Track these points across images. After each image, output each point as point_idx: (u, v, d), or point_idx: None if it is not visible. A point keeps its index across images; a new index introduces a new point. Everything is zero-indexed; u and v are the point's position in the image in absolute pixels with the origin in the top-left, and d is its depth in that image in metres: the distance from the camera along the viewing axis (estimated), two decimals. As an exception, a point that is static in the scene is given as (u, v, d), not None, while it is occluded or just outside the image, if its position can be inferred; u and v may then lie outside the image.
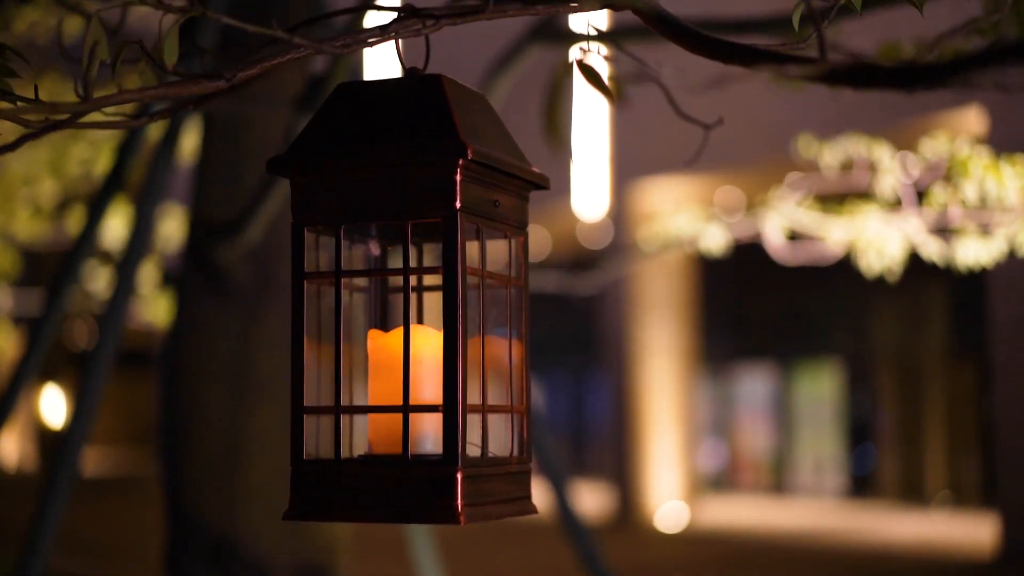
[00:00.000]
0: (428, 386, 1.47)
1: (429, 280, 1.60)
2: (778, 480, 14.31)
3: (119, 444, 23.40)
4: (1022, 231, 3.81)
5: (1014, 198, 3.66)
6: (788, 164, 5.18)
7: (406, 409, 1.42)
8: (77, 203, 7.89)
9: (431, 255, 1.58)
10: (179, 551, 3.26)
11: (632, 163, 12.66)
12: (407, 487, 1.40)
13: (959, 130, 7.98)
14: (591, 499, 13.43)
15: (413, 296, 1.63)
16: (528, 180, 1.54)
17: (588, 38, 2.90)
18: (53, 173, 7.84)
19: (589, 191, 13.47)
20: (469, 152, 1.39)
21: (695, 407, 13.69)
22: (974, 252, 3.90)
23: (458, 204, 1.41)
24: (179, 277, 3.44)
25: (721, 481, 14.81)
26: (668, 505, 13.01)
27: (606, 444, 13.84)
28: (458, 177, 1.41)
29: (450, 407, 1.40)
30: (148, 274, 8.07)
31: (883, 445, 13.14)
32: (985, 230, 3.90)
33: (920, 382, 12.75)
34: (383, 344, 1.50)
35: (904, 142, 4.64)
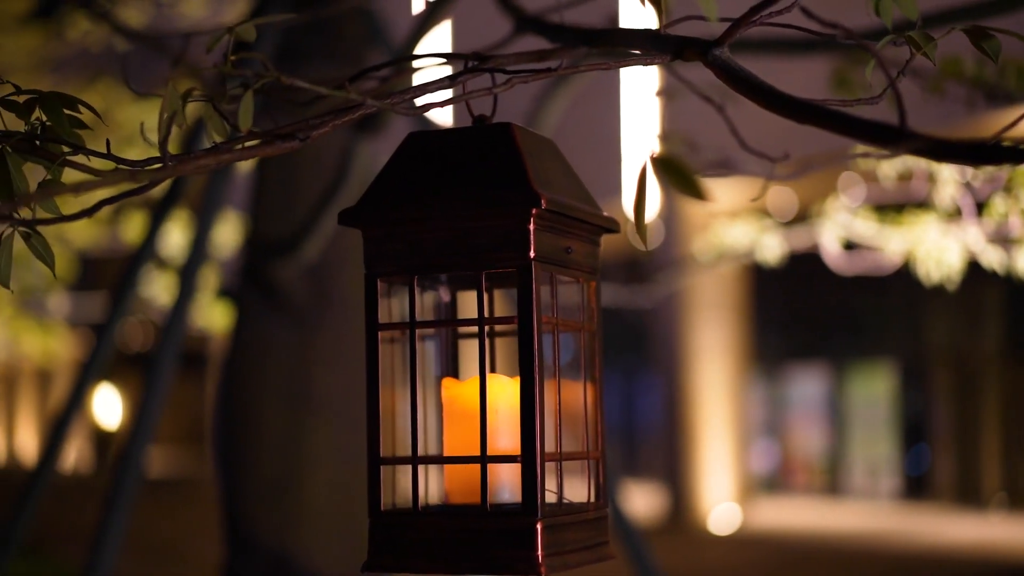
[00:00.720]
0: (505, 435, 1.47)
1: (501, 324, 1.60)
2: (831, 482, 14.23)
3: (175, 444, 23.58)
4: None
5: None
6: (841, 169, 5.14)
7: (484, 460, 1.42)
8: (134, 209, 7.95)
9: (504, 301, 1.58)
10: (237, 568, 3.29)
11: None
12: (486, 538, 1.40)
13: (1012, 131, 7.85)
14: (643, 501, 13.41)
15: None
16: (599, 225, 1.54)
17: (647, 61, 2.87)
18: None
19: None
20: (543, 202, 1.39)
21: (747, 408, 13.64)
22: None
23: (532, 253, 1.40)
24: (236, 293, 3.47)
25: (774, 483, 14.74)
26: (720, 507, 12.96)
27: (658, 445, 13.81)
28: (531, 227, 1.40)
29: (528, 457, 1.39)
30: (206, 281, 8.12)
31: (938, 446, 13.04)
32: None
33: (975, 383, 12.64)
34: (458, 393, 1.50)
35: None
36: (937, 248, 4.09)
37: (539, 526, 1.39)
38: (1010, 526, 10.90)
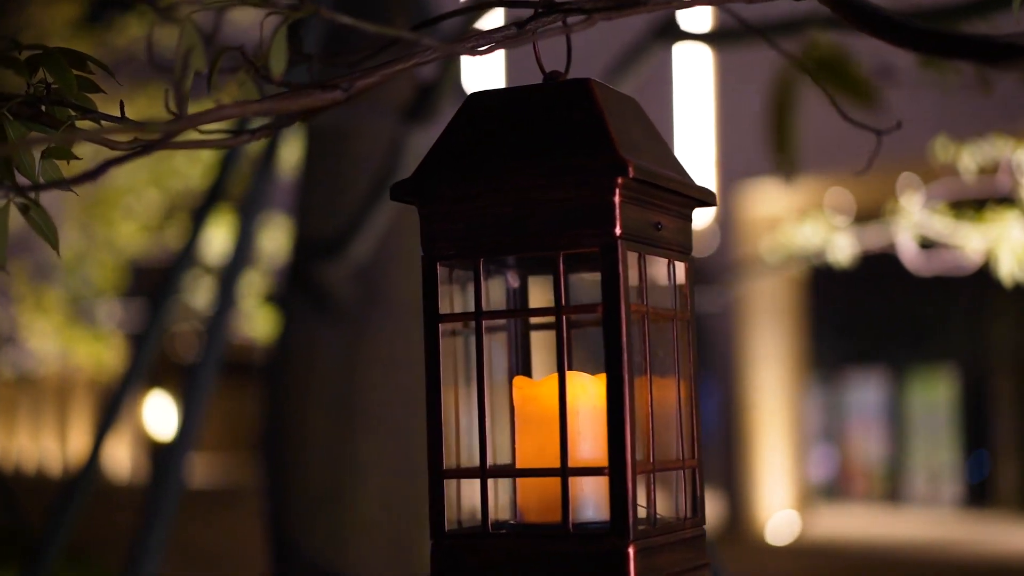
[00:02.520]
0: (586, 442, 1.26)
1: (582, 313, 1.39)
2: (891, 489, 13.91)
3: (220, 452, 23.53)
4: None
5: None
6: (903, 166, 4.91)
7: (565, 472, 1.21)
8: (180, 215, 7.82)
9: (582, 287, 1.37)
10: (282, 581, 3.10)
11: (738, 165, 12.36)
12: (568, 563, 1.20)
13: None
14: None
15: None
16: (693, 197, 1.33)
17: (710, 38, 2.64)
18: (155, 184, 7.79)
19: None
20: (630, 169, 1.18)
21: (806, 414, 13.36)
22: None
23: (618, 230, 1.20)
24: (282, 296, 3.28)
25: (833, 490, 14.44)
26: (778, 515, 12.68)
27: (715, 452, 13.56)
28: (617, 199, 1.20)
29: (617, 469, 1.19)
30: (252, 288, 7.94)
31: (1000, 453, 12.71)
32: None
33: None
34: (532, 395, 1.29)
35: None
36: (1021, 246, 3.84)
37: (631, 550, 1.18)
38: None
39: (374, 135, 3.02)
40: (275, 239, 7.21)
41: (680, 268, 1.33)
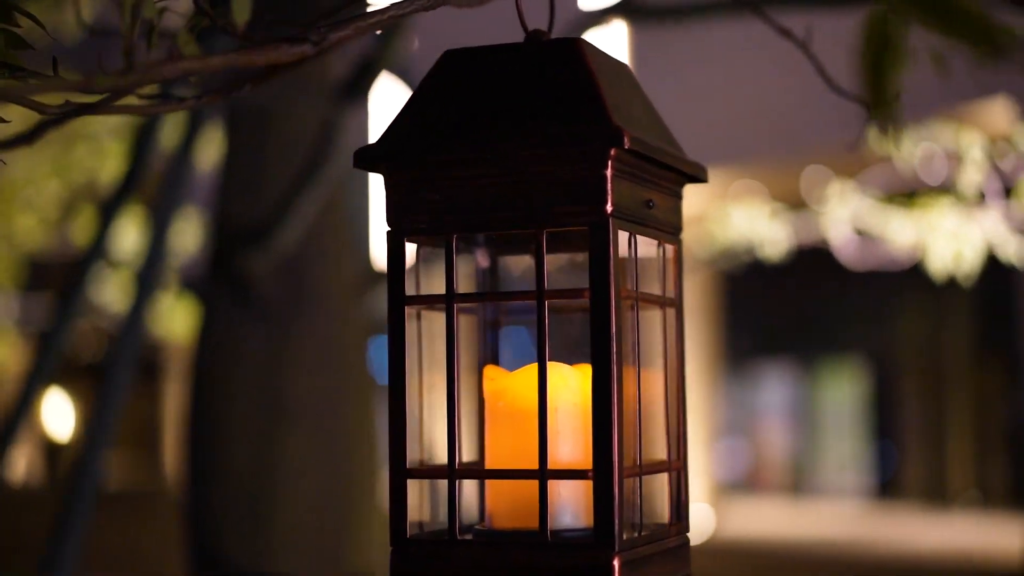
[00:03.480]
0: (566, 441, 1.14)
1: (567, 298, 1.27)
2: (801, 482, 13.98)
3: (125, 454, 23.08)
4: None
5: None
6: (808, 158, 4.85)
7: (544, 474, 1.09)
8: (83, 208, 7.56)
9: (557, 269, 1.24)
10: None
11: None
12: (546, 574, 1.07)
13: (984, 123, 7.62)
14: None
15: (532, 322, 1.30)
16: (686, 173, 1.21)
17: (669, 14, 2.52)
18: (57, 176, 7.52)
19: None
20: (625, 139, 1.06)
21: (716, 408, 13.37)
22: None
23: (609, 207, 1.08)
24: (202, 289, 3.11)
25: (744, 484, 14.48)
26: (693, 510, 12.63)
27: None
28: (609, 172, 1.08)
29: (603, 473, 1.07)
30: (165, 283, 7.69)
31: (907, 446, 12.82)
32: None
33: (945, 380, 12.44)
34: (505, 387, 1.17)
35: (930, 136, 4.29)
36: (955, 238, 3.77)
37: (617, 561, 1.06)
38: (981, 527, 10.69)
39: (304, 118, 2.86)
40: (189, 234, 6.97)
41: (670, 251, 1.21)
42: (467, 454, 1.23)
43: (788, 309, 13.38)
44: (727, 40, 5.79)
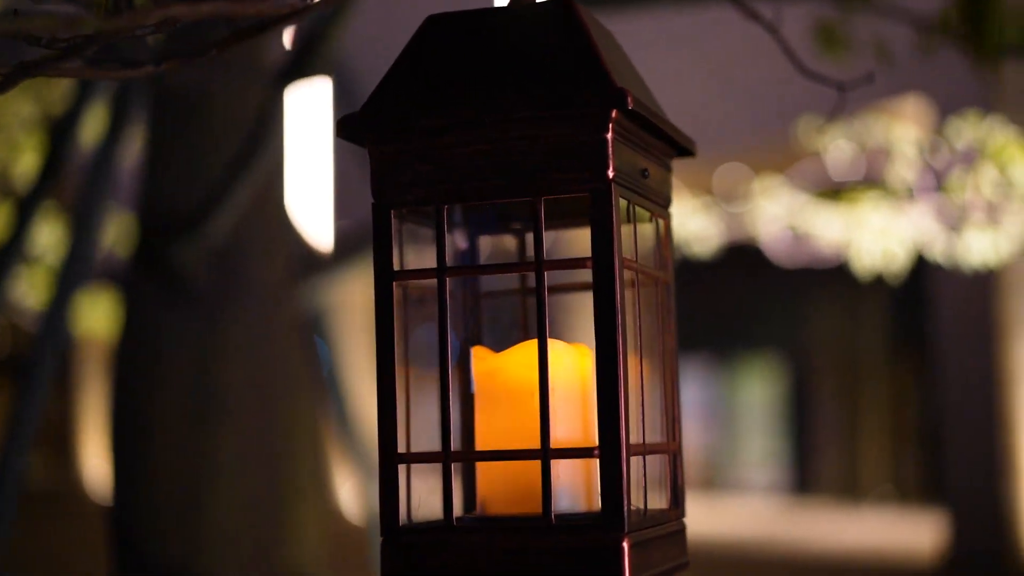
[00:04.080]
0: (562, 421, 1.09)
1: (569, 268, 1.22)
2: (716, 478, 14.05)
3: (41, 451, 22.61)
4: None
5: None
6: (725, 155, 4.84)
7: (547, 454, 1.03)
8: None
9: (552, 243, 1.19)
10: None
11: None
12: (551, 560, 1.02)
13: (899, 117, 7.68)
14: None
15: (522, 300, 1.25)
16: (678, 143, 1.17)
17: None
18: None
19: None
20: (628, 100, 1.01)
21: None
22: (983, 249, 3.57)
23: (611, 172, 1.03)
24: (127, 281, 3.01)
25: (657, 480, 14.52)
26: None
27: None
28: (610, 135, 1.03)
29: (611, 451, 1.02)
30: (85, 279, 7.49)
31: (823, 442, 12.94)
32: (995, 221, 3.58)
33: (861, 376, 12.58)
34: (495, 367, 1.11)
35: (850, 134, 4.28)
36: (883, 235, 3.77)
37: (626, 543, 1.01)
38: (895, 522, 10.81)
39: (238, 101, 2.77)
40: (110, 225, 6.80)
41: (662, 224, 1.17)
42: (452, 440, 1.17)
43: (706, 305, 13.44)
44: (651, 35, 5.78)
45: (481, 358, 1.13)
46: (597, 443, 1.03)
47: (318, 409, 3.09)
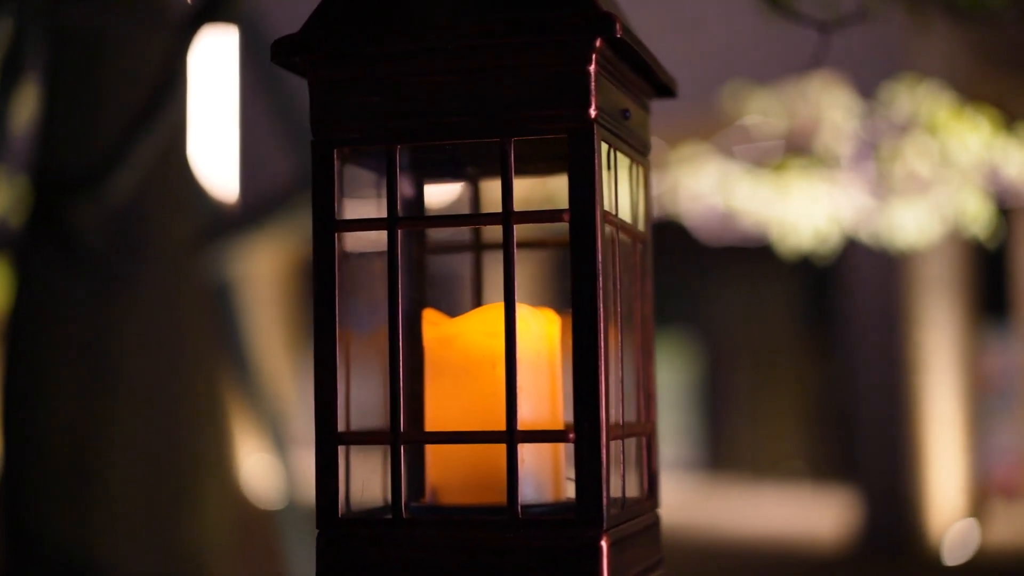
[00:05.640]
0: (529, 397, 0.94)
1: (490, 233, 1.07)
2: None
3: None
4: (970, 199, 3.40)
5: (969, 157, 3.26)
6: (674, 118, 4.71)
7: (513, 437, 0.89)
8: None
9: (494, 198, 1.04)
10: (19, 574, 2.64)
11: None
12: (517, 559, 0.88)
13: (831, 84, 7.59)
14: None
15: (478, 258, 1.10)
16: (657, 82, 1.03)
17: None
18: None
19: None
20: (617, 28, 0.87)
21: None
22: (909, 228, 3.47)
23: (593, 110, 0.88)
24: (20, 243, 2.79)
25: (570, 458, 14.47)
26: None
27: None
28: (593, 67, 0.88)
29: (589, 434, 0.87)
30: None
31: (733, 419, 12.96)
32: (925, 194, 3.49)
33: (768, 352, 12.61)
34: (450, 334, 0.97)
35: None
36: (808, 210, 3.65)
37: (604, 542, 0.87)
38: (806, 500, 10.85)
39: (142, 50, 2.57)
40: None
41: (639, 172, 1.03)
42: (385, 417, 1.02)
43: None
44: None
45: (433, 323, 0.98)
46: (567, 424, 0.89)
47: (222, 382, 2.92)
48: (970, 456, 7.37)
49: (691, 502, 11.54)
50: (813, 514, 9.73)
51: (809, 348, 12.42)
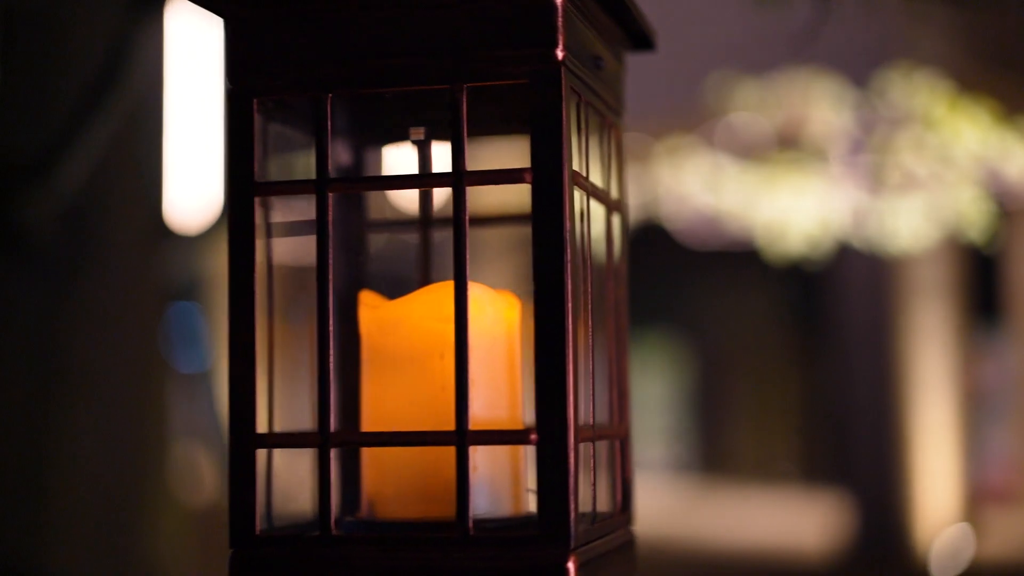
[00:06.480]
0: (481, 393, 0.80)
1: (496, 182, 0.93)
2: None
3: None
4: (968, 200, 3.26)
5: (966, 152, 3.12)
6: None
7: (463, 439, 0.74)
8: None
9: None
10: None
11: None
12: (466, 586, 0.73)
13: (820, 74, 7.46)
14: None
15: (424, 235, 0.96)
16: (634, 31, 0.89)
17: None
18: None
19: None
20: (587, -47, 0.73)
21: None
22: (907, 233, 3.32)
23: (560, 51, 0.74)
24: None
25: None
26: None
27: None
28: (560, 3, 0.74)
29: (554, 436, 0.73)
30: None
31: (721, 422, 12.86)
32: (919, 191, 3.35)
33: (758, 357, 12.52)
34: (390, 319, 0.82)
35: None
36: (794, 208, 3.50)
37: (572, 564, 0.73)
38: (799, 503, 10.74)
39: (91, 31, 2.43)
40: None
41: (611, 134, 0.88)
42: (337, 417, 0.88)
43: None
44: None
45: (371, 306, 0.83)
46: (529, 424, 0.76)
47: (179, 389, 2.78)
48: (963, 462, 7.26)
49: (679, 505, 11.43)
50: (802, 519, 9.61)
51: (800, 353, 12.33)
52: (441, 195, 0.84)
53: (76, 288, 2.53)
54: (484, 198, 0.91)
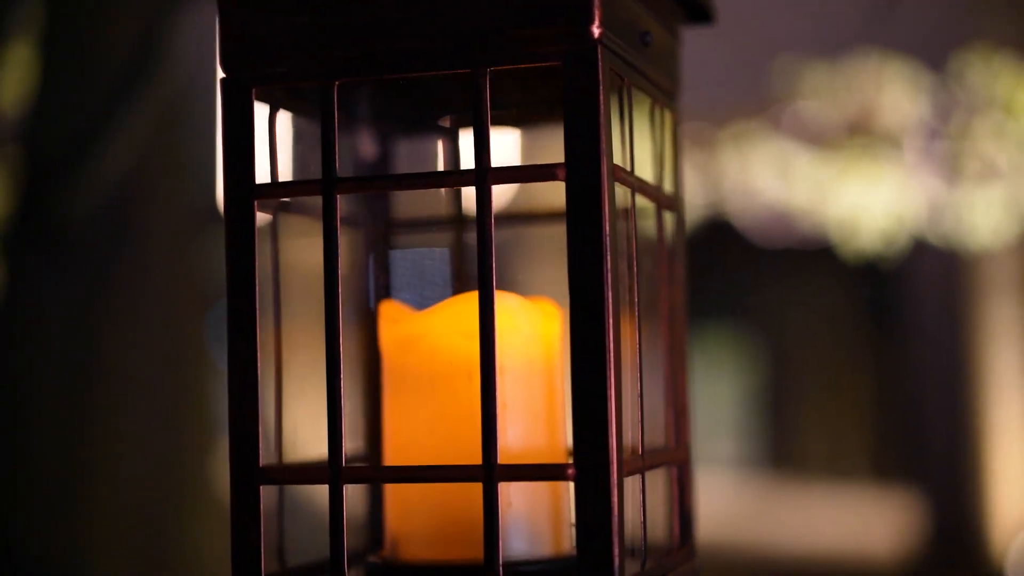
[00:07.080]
0: (516, 419, 0.70)
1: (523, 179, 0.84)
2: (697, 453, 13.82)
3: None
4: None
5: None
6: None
7: (491, 473, 0.65)
8: None
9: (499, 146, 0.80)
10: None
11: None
12: (497, 642, 0.64)
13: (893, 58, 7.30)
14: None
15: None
16: (692, 2, 0.79)
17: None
18: None
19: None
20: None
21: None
22: (986, 229, 3.17)
23: (596, 28, 0.64)
24: (4, 238, 2.59)
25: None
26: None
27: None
28: (597, -27, 0.65)
29: (595, 469, 0.63)
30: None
31: (795, 418, 12.72)
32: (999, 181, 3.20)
33: (832, 351, 12.36)
34: (414, 334, 0.73)
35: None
36: (867, 198, 3.36)
37: (618, 616, 0.63)
38: (871, 504, 10.61)
39: (131, 22, 2.36)
40: None
41: (666, 117, 0.78)
42: (349, 441, 0.79)
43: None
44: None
45: (393, 320, 0.74)
46: (570, 456, 0.66)
47: (223, 387, 2.71)
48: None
49: (746, 504, 11.29)
50: (873, 520, 9.46)
51: (872, 351, 12.14)
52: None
53: (112, 283, 2.47)
54: (528, 191, 0.82)
